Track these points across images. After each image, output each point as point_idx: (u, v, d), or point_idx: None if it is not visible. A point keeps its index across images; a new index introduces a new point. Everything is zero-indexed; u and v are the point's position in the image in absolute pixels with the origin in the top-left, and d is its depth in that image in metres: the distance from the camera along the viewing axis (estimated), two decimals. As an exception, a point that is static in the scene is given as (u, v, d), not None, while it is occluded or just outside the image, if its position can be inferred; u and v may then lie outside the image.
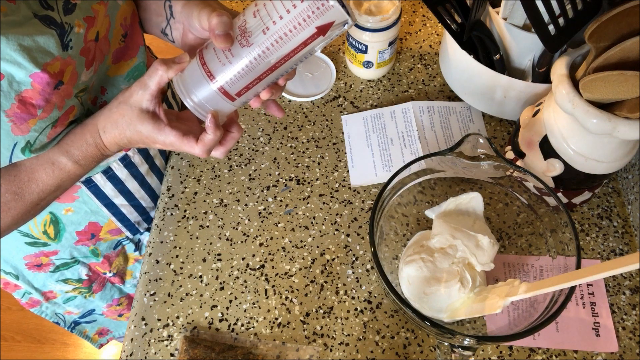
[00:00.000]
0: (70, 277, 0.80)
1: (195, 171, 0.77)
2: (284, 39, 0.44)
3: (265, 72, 0.47)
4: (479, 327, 0.61)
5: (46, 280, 0.80)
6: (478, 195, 0.61)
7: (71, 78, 0.52)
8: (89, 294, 0.85)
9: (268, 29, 0.44)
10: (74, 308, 0.87)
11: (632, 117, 0.53)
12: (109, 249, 0.79)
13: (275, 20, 0.44)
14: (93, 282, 0.84)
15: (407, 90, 0.84)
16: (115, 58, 0.61)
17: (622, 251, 0.69)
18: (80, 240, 0.74)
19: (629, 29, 0.51)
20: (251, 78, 0.47)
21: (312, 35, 0.44)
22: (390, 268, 0.61)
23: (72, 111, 0.55)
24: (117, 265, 0.83)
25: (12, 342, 1.57)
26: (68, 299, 0.85)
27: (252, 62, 0.46)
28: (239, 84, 0.48)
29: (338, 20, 0.43)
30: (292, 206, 0.74)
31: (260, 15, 0.44)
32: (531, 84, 0.70)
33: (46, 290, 0.82)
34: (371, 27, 0.76)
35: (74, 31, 0.50)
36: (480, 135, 0.57)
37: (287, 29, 0.44)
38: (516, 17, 0.69)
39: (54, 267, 0.77)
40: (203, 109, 0.50)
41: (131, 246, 0.83)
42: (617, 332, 0.63)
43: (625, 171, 0.73)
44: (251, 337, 0.64)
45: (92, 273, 0.82)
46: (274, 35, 0.44)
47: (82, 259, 0.79)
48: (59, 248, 0.74)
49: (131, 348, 0.64)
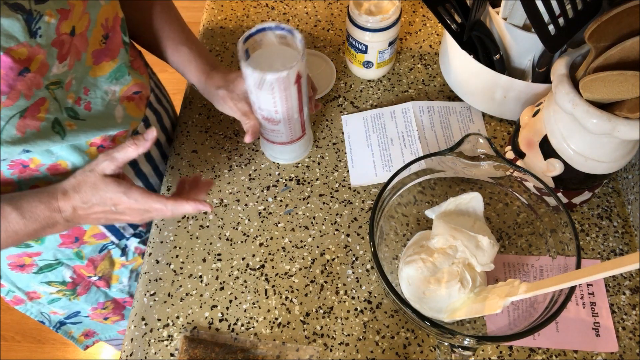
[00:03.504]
0: (54, 280, 0.79)
1: (195, 171, 0.77)
2: (290, 105, 0.65)
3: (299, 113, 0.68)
4: (479, 327, 0.61)
5: (29, 282, 0.78)
6: (478, 195, 0.61)
7: (40, 68, 0.52)
8: (74, 296, 0.84)
9: (277, 112, 0.65)
10: (59, 309, 0.86)
11: (632, 117, 0.53)
12: (93, 252, 0.78)
13: (277, 110, 0.65)
14: (77, 285, 0.82)
15: (407, 90, 0.84)
16: (96, 59, 0.61)
17: (622, 251, 0.69)
18: (64, 243, 0.73)
19: (629, 29, 0.51)
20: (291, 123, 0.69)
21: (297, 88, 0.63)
22: (390, 268, 0.61)
23: (43, 104, 0.55)
24: (103, 269, 0.81)
25: (12, 342, 1.57)
26: (52, 300, 0.83)
27: (288, 122, 0.68)
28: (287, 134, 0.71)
29: (295, 69, 0.60)
30: (292, 206, 0.74)
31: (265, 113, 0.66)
32: (531, 84, 0.70)
33: (30, 291, 0.80)
34: (371, 27, 0.76)
35: (43, 20, 0.50)
36: (480, 135, 0.57)
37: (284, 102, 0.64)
38: (516, 17, 0.69)
39: (37, 268, 0.76)
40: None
41: (117, 251, 0.81)
42: (617, 332, 0.63)
43: (625, 171, 0.73)
44: (251, 337, 0.64)
45: (76, 276, 0.81)
46: (284, 112, 0.65)
47: (66, 261, 0.77)
48: (42, 249, 0.73)
49: (131, 348, 0.64)
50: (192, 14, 0.77)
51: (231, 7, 0.96)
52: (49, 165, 0.61)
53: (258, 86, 0.60)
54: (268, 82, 0.59)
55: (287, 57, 0.64)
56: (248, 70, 0.59)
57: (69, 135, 0.59)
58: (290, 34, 0.62)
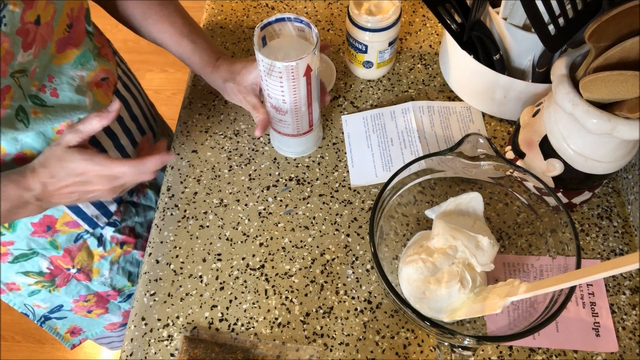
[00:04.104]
0: (30, 270, 0.78)
1: (195, 171, 0.77)
2: (298, 99, 0.66)
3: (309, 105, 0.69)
4: (479, 327, 0.61)
5: (7, 272, 0.78)
6: (478, 195, 0.61)
7: (5, 56, 0.52)
8: (53, 287, 0.83)
9: (285, 102, 0.66)
10: (41, 302, 0.85)
11: (632, 117, 0.53)
12: (68, 241, 0.77)
13: (285, 99, 0.66)
14: (56, 277, 0.81)
15: (407, 90, 0.84)
16: (59, 47, 0.61)
17: (622, 251, 0.69)
18: (36, 231, 0.73)
19: (629, 29, 0.51)
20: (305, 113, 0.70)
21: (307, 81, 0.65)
22: (390, 268, 0.61)
23: (7, 91, 0.55)
24: (81, 260, 0.80)
25: (12, 342, 1.57)
26: (32, 292, 0.82)
27: (295, 114, 0.69)
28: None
29: (305, 62, 0.61)
30: (292, 206, 0.74)
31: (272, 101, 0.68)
32: (531, 84, 0.70)
33: (8, 282, 0.80)
34: (371, 27, 0.76)
35: (7, 9, 0.51)
36: (480, 135, 0.57)
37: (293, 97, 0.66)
38: (516, 17, 0.69)
39: (12, 257, 0.75)
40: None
41: (93, 241, 0.80)
42: (617, 332, 0.63)
43: (625, 171, 0.73)
44: (251, 337, 0.64)
45: (53, 267, 0.80)
46: (293, 103, 0.67)
47: (41, 251, 0.77)
48: (14, 238, 0.72)
49: (131, 348, 0.64)
50: (192, 14, 0.77)
51: (231, 7, 0.96)
52: (15, 155, 0.62)
53: (268, 73, 0.62)
54: (277, 70, 0.61)
55: (303, 50, 0.65)
56: (259, 56, 0.61)
57: (33, 123, 0.60)
58: (308, 27, 0.64)
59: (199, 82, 0.86)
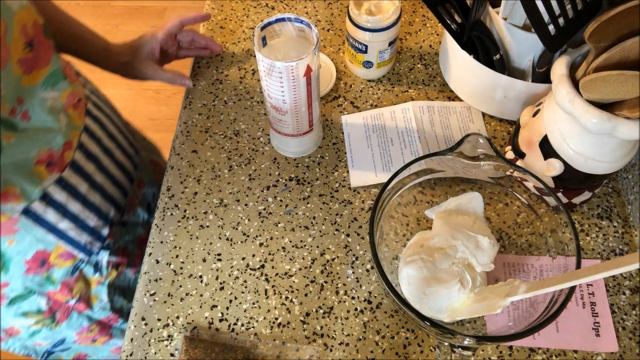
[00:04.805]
0: (28, 310, 0.75)
1: (195, 171, 0.77)
2: (298, 97, 0.66)
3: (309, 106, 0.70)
4: (479, 327, 0.61)
5: (4, 316, 0.75)
6: (478, 195, 0.61)
7: None
8: (54, 324, 0.79)
9: (285, 102, 0.67)
10: (42, 340, 0.81)
11: (632, 117, 0.53)
12: (65, 275, 0.75)
13: (285, 100, 0.66)
14: (56, 312, 0.78)
15: (407, 90, 0.84)
16: (26, 68, 0.60)
17: (622, 251, 0.69)
18: (31, 268, 0.70)
19: (629, 29, 0.51)
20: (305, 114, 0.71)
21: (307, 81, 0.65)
22: (390, 268, 0.61)
23: None
24: (79, 290, 0.78)
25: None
26: (33, 333, 0.79)
27: (295, 114, 0.69)
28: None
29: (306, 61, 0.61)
30: (292, 206, 0.74)
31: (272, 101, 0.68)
32: (531, 84, 0.70)
33: (7, 327, 0.77)
34: (371, 27, 0.76)
35: None
36: (480, 135, 0.57)
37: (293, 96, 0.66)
38: (516, 17, 0.69)
39: (8, 299, 0.73)
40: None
41: (90, 269, 0.77)
42: (617, 332, 0.63)
43: (625, 171, 0.73)
44: (251, 337, 0.64)
45: (52, 302, 0.76)
46: (294, 101, 0.67)
47: (38, 289, 0.74)
48: (8, 279, 0.70)
49: (131, 348, 0.64)
50: (192, 14, 0.77)
51: (231, 7, 0.96)
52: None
53: (268, 73, 0.62)
54: (277, 70, 0.61)
55: (303, 50, 0.66)
56: (259, 56, 0.62)
57: (7, 148, 0.58)
58: (308, 27, 0.64)
59: (199, 82, 0.86)
